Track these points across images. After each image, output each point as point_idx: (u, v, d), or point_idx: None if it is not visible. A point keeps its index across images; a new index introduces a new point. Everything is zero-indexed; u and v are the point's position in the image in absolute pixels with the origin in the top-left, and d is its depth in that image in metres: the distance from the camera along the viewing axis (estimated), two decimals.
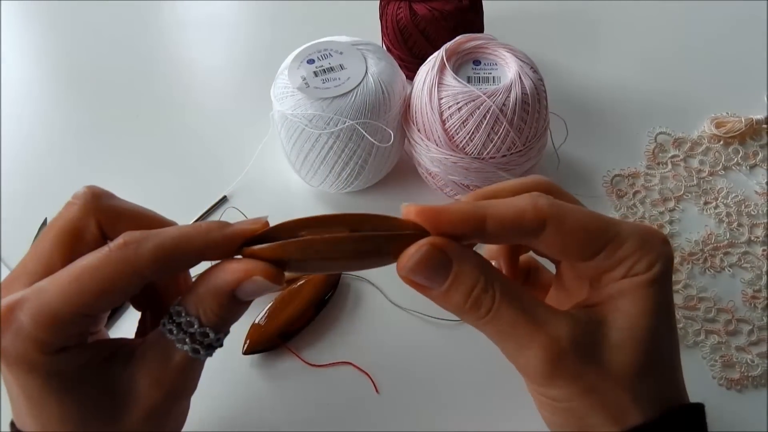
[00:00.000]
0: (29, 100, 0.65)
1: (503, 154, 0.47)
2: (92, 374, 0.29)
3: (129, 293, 0.29)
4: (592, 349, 0.28)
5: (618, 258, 0.29)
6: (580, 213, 0.29)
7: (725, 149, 0.57)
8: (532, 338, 0.28)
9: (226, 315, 0.30)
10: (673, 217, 0.53)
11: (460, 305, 0.29)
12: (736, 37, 0.67)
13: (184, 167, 0.58)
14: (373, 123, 0.47)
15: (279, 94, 0.49)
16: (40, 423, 0.29)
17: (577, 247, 0.30)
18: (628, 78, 0.63)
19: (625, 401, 0.28)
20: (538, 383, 0.29)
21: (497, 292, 0.28)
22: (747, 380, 0.44)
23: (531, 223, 0.28)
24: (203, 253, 0.29)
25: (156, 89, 0.66)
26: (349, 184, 0.51)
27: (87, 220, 0.31)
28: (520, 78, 0.47)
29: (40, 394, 0.28)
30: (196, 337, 0.29)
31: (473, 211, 0.28)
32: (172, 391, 0.30)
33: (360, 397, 0.44)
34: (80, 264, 0.28)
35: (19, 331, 0.27)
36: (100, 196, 0.32)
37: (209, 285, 0.29)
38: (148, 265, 0.28)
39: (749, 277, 0.49)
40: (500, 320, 0.28)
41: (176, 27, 0.73)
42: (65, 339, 0.28)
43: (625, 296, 0.29)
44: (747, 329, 0.46)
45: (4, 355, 0.27)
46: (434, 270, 0.28)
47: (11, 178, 0.58)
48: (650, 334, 0.29)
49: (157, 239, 0.28)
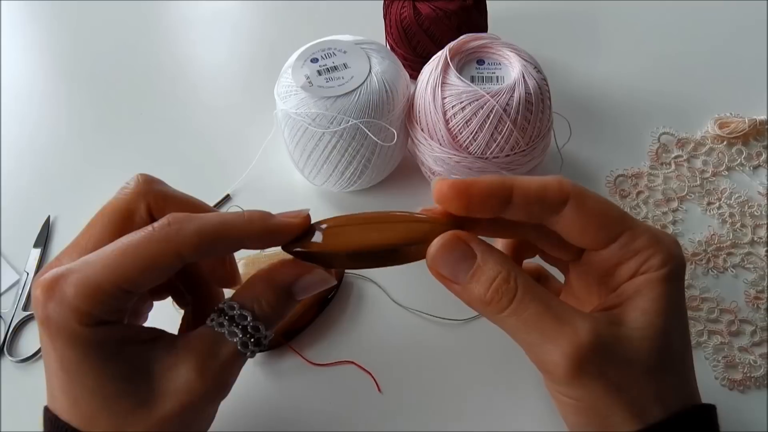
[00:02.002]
0: (33, 97, 0.66)
1: (506, 154, 0.47)
2: (132, 352, 0.30)
3: (168, 272, 0.30)
4: (614, 347, 0.29)
5: (633, 249, 0.30)
6: (601, 198, 0.30)
7: (728, 150, 0.56)
8: (557, 333, 0.28)
9: (280, 309, 0.31)
10: (676, 218, 0.53)
11: (482, 296, 0.29)
12: (740, 38, 0.67)
13: (187, 165, 0.58)
14: (377, 122, 0.47)
15: (282, 92, 0.49)
16: (72, 397, 0.29)
17: (595, 229, 0.30)
18: (631, 78, 0.63)
19: (647, 398, 0.29)
20: (561, 382, 0.29)
21: (519, 285, 0.29)
22: (749, 381, 0.44)
23: (554, 197, 0.30)
24: (243, 241, 0.30)
25: (160, 87, 0.66)
26: (352, 183, 0.51)
27: (138, 203, 0.33)
28: (523, 78, 0.47)
29: (77, 365, 0.29)
30: (248, 330, 0.30)
31: (501, 182, 0.30)
32: (212, 386, 0.30)
33: (362, 397, 0.44)
34: (125, 240, 0.29)
35: (63, 300, 0.28)
36: (151, 182, 0.34)
37: (267, 279, 0.31)
38: (188, 246, 0.29)
39: (752, 277, 0.49)
40: (523, 312, 0.29)
41: (180, 25, 0.73)
42: (105, 312, 0.29)
43: (641, 295, 0.30)
44: (750, 330, 0.46)
45: (48, 324, 0.28)
46: (458, 259, 0.29)
47: (14, 175, 0.59)
48: (667, 332, 0.29)
49: (199, 222, 0.29)
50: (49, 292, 0.28)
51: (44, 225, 0.54)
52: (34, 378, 0.46)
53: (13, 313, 0.49)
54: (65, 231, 0.54)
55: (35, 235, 0.53)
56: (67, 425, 0.29)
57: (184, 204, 0.34)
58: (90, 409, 0.29)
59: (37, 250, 0.52)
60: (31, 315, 0.49)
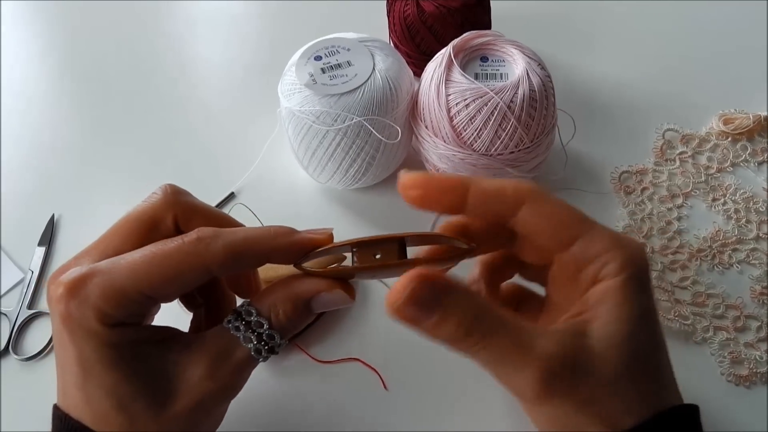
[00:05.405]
0: (34, 97, 0.66)
1: (511, 151, 0.47)
2: (148, 353, 0.30)
3: (193, 285, 0.31)
4: (581, 361, 0.29)
5: (592, 253, 0.30)
6: (559, 200, 0.31)
7: (733, 146, 0.56)
8: (523, 362, 0.28)
9: (297, 320, 0.32)
10: (681, 214, 0.52)
11: (451, 336, 0.29)
12: (744, 34, 0.66)
13: (191, 163, 0.58)
14: (381, 120, 0.47)
15: (286, 90, 0.49)
16: (86, 394, 0.29)
17: (551, 230, 0.31)
18: (635, 74, 0.63)
19: (617, 407, 0.29)
20: (533, 404, 0.30)
21: (486, 321, 0.29)
22: (755, 376, 0.44)
23: (511, 198, 0.30)
24: (268, 256, 0.31)
25: (163, 85, 0.66)
26: (356, 180, 0.51)
27: (165, 212, 0.33)
28: (527, 74, 0.47)
29: (94, 363, 0.29)
30: (262, 337, 0.31)
31: (459, 179, 0.31)
32: (224, 387, 0.31)
33: (368, 394, 0.44)
34: (153, 249, 0.30)
35: (86, 299, 0.29)
36: (179, 193, 0.34)
37: (289, 290, 0.31)
38: (216, 261, 0.30)
39: (757, 273, 0.49)
40: (490, 349, 0.29)
41: (184, 23, 0.73)
42: (126, 315, 0.30)
43: (602, 303, 0.30)
44: (755, 325, 0.46)
45: (69, 320, 0.29)
46: (424, 305, 0.28)
47: (18, 174, 0.59)
48: (630, 339, 0.29)
49: (227, 238, 0.30)
50: (74, 290, 0.29)
51: (48, 223, 0.54)
52: (38, 376, 0.46)
53: (18, 311, 0.49)
54: (69, 229, 0.54)
55: (39, 233, 0.53)
56: (78, 423, 0.29)
57: (210, 217, 0.34)
58: (103, 407, 0.29)
59: (42, 249, 0.52)
60: (36, 313, 0.49)
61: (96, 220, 0.54)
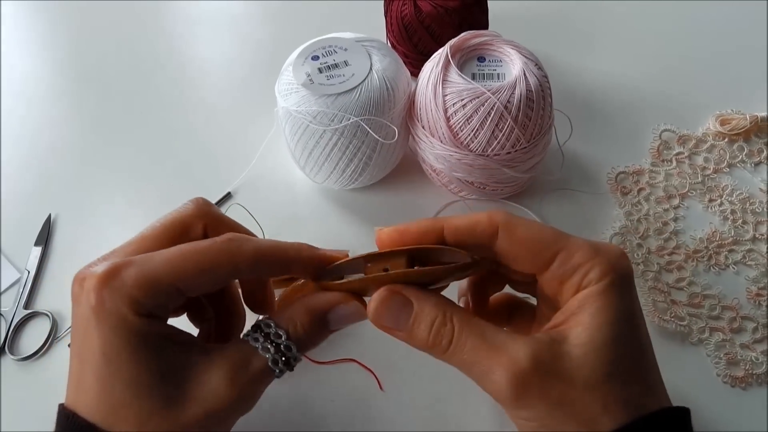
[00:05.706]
0: (33, 97, 0.65)
1: (507, 151, 0.47)
2: (171, 351, 0.31)
3: (222, 282, 0.33)
4: (555, 364, 0.29)
5: (572, 266, 0.31)
6: (532, 224, 0.32)
7: (730, 146, 0.56)
8: (494, 362, 0.30)
9: (313, 334, 0.33)
10: (677, 215, 0.53)
11: (424, 341, 0.31)
12: (740, 35, 0.67)
13: (188, 163, 0.58)
14: (378, 120, 0.47)
15: (283, 90, 0.49)
16: (103, 384, 0.30)
17: (529, 255, 0.32)
18: (632, 75, 0.63)
19: (595, 410, 0.29)
20: (509, 406, 0.30)
21: (456, 324, 0.31)
22: (751, 378, 0.44)
23: (484, 230, 0.32)
24: (291, 266, 0.34)
25: (160, 85, 0.66)
26: (353, 180, 0.51)
27: (197, 220, 0.35)
28: (524, 75, 0.47)
29: (120, 350, 0.30)
30: (280, 348, 0.32)
31: (431, 223, 0.33)
32: (241, 395, 0.31)
33: (364, 395, 0.44)
34: (187, 245, 0.32)
35: (120, 287, 0.30)
36: (210, 205, 0.37)
37: (306, 304, 0.33)
38: (246, 261, 0.32)
39: (754, 274, 0.49)
40: (462, 350, 0.31)
41: (181, 23, 0.73)
42: (156, 306, 0.31)
43: (583, 310, 0.30)
44: (751, 327, 0.46)
45: (100, 309, 0.30)
46: (396, 311, 0.32)
47: (15, 174, 0.58)
48: (611, 344, 0.29)
49: (256, 243, 0.33)
50: (108, 279, 0.30)
51: (45, 223, 0.54)
52: (35, 376, 0.46)
53: (14, 311, 0.49)
54: (66, 229, 0.54)
55: (36, 233, 0.53)
56: (85, 421, 0.29)
57: (237, 229, 0.36)
58: (118, 399, 0.29)
59: (38, 249, 0.52)
60: (33, 313, 0.49)
61: (93, 220, 0.55)
